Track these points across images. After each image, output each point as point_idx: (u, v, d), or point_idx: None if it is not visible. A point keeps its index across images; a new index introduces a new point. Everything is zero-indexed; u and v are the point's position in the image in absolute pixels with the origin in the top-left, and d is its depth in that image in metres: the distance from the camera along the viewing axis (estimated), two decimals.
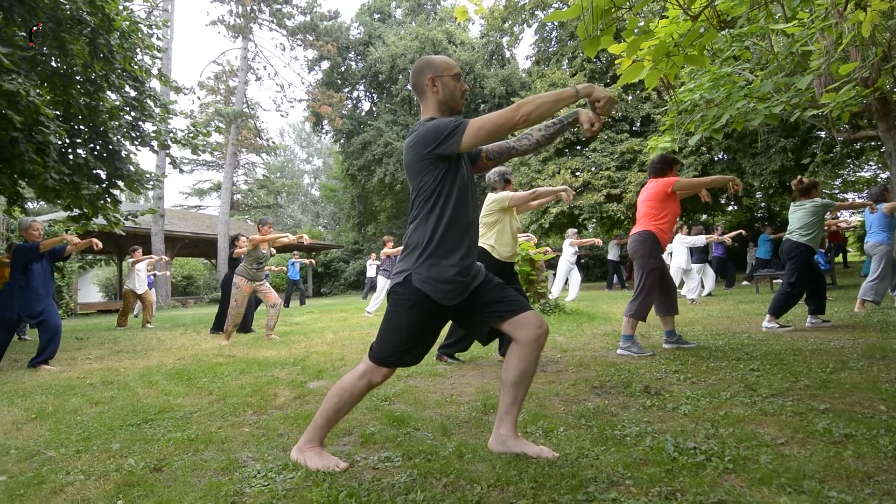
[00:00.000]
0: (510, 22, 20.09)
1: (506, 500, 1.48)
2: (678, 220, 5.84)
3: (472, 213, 1.81)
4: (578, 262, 10.37)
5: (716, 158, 14.45)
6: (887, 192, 5.54)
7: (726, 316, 5.83)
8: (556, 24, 18.12)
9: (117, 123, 6.45)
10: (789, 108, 3.47)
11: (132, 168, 6.80)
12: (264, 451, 1.99)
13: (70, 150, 6.24)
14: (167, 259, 15.90)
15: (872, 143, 11.95)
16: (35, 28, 5.15)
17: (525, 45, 75.76)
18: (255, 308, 7.39)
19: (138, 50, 6.81)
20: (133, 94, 6.80)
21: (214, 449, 2.06)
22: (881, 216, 5.28)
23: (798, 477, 1.49)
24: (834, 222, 6.83)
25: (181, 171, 8.41)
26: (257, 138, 24.52)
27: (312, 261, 20.61)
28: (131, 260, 8.57)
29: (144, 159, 70.65)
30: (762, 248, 10.68)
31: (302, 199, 45.70)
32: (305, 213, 44.47)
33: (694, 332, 4.61)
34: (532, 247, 6.52)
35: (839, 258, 14.90)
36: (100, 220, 6.69)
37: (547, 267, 8.93)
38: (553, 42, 19.20)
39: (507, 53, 24.32)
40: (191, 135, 7.48)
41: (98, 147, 6.57)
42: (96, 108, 6.02)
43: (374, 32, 24.90)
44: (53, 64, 5.74)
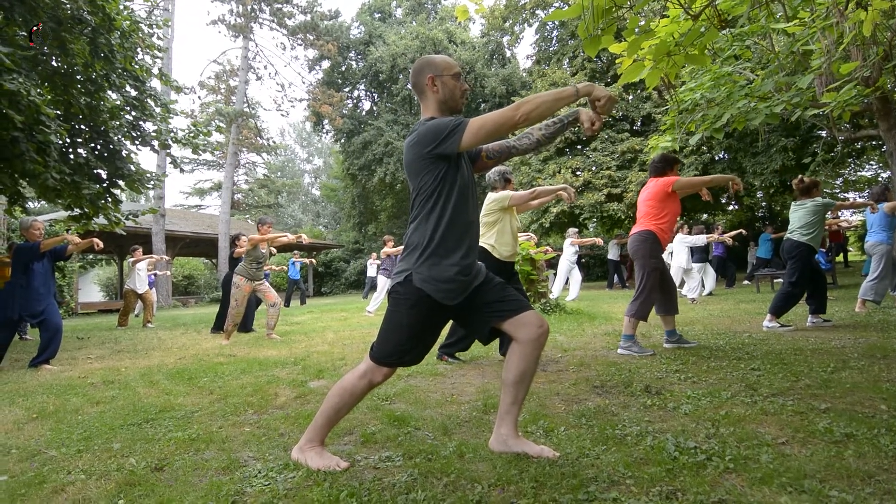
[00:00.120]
0: (511, 21, 20.08)
1: (506, 499, 1.48)
2: (679, 219, 5.85)
3: (473, 213, 1.81)
4: (579, 261, 10.35)
5: (716, 158, 14.43)
6: (888, 192, 5.53)
7: (727, 315, 5.83)
8: (556, 23, 18.09)
9: (118, 123, 6.46)
10: (790, 108, 3.47)
11: (133, 168, 6.81)
12: (265, 451, 1.99)
13: (71, 150, 6.25)
14: (168, 259, 15.95)
15: (873, 143, 11.93)
16: (35, 28, 5.15)
17: (526, 45, 75.75)
18: (256, 308, 7.40)
19: (139, 49, 6.81)
20: (134, 93, 6.80)
21: (215, 448, 2.06)
22: (882, 216, 5.27)
23: (799, 476, 1.49)
24: (835, 222, 6.81)
25: (182, 170, 8.40)
26: (258, 138, 24.50)
27: (313, 260, 20.60)
28: (132, 259, 8.58)
29: (145, 159, 70.65)
30: (763, 248, 10.68)
31: (302, 198, 45.72)
32: (306, 213, 44.48)
33: (695, 332, 4.60)
34: (532, 246, 6.52)
35: (840, 258, 14.89)
36: (100, 220, 6.69)
37: (547, 266, 8.92)
38: (554, 41, 19.18)
39: (508, 53, 24.29)
40: (191, 134, 7.48)
41: (99, 147, 6.58)
42: (97, 107, 6.02)
43: (374, 32, 24.89)
44: (54, 63, 5.74)
